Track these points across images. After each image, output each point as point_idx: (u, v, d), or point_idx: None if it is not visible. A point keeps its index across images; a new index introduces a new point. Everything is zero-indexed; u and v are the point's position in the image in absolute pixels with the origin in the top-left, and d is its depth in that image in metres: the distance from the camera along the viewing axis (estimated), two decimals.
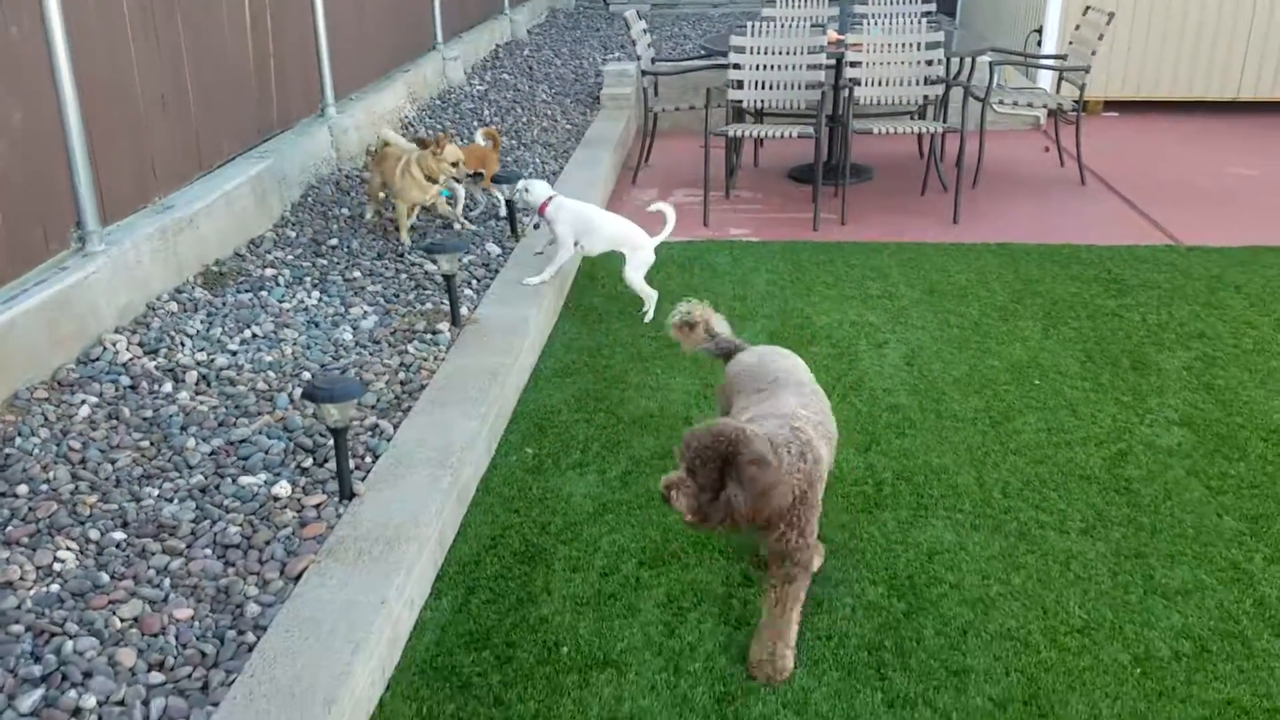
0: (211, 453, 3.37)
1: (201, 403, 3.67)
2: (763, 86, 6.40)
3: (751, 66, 6.36)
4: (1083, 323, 4.80)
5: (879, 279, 5.36)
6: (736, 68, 6.38)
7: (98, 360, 3.85)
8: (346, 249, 5.27)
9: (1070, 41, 7.33)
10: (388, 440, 3.45)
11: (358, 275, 4.91)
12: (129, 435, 3.44)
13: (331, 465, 3.27)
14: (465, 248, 5.17)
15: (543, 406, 4.08)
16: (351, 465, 3.17)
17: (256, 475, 3.24)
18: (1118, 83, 8.95)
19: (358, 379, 3.81)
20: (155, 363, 3.90)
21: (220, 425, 3.54)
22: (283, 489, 3.15)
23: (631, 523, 3.32)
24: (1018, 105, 7.22)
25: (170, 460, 3.32)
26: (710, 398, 4.14)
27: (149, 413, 3.58)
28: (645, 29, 7.45)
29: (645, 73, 7.33)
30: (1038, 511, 3.37)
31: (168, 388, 3.75)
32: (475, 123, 7.81)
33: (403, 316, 4.45)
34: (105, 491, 3.14)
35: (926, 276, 5.38)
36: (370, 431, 3.52)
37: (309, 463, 3.33)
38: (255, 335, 4.22)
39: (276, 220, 5.50)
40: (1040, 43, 8.82)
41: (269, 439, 3.44)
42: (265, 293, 4.61)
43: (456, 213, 5.62)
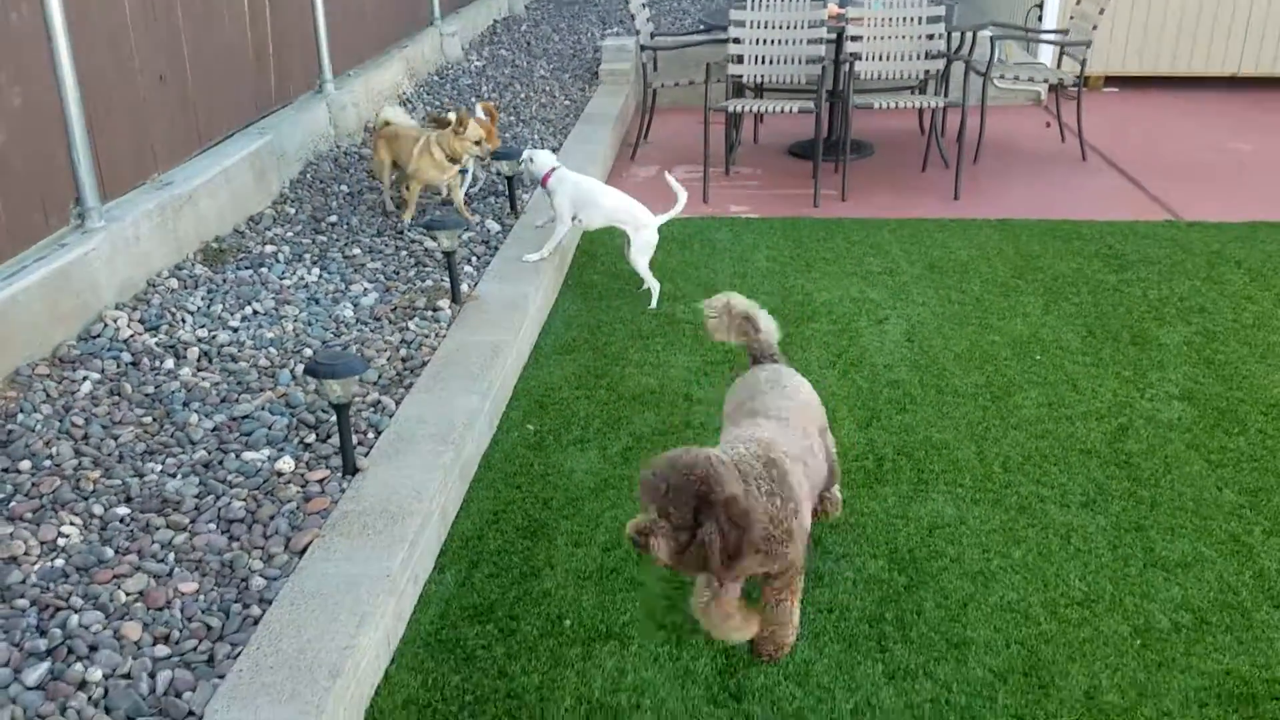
0: (214, 428, 3.38)
1: (203, 379, 3.67)
2: (763, 61, 6.37)
3: (752, 41, 6.32)
4: (1083, 298, 4.80)
5: (880, 255, 5.35)
6: (736, 42, 6.35)
7: (99, 337, 3.85)
8: (346, 226, 5.26)
9: (1071, 16, 7.30)
10: (390, 416, 3.46)
11: (358, 252, 4.90)
12: (131, 411, 3.45)
13: (334, 441, 3.28)
14: (465, 224, 5.16)
15: (544, 383, 4.08)
16: (354, 441, 3.18)
17: (259, 451, 3.25)
18: (1119, 58, 8.92)
19: (359, 355, 3.81)
20: (156, 339, 3.90)
21: (222, 401, 3.54)
22: (286, 464, 3.16)
23: (633, 498, 3.33)
24: (1019, 80, 7.19)
25: (173, 436, 3.33)
26: (710, 374, 4.14)
27: (151, 389, 3.59)
28: (644, 3, 7.41)
29: (644, 48, 7.30)
30: (1038, 486, 3.38)
31: (169, 364, 3.75)
32: (473, 98, 7.77)
33: (403, 293, 4.45)
34: (108, 467, 3.15)
35: (927, 252, 5.38)
36: (372, 408, 3.52)
37: (312, 438, 3.33)
38: (256, 312, 4.22)
39: (275, 197, 5.49)
40: (1041, 17, 8.78)
41: (271, 415, 3.44)
42: (265, 269, 4.60)
43: (460, 195, 5.49)
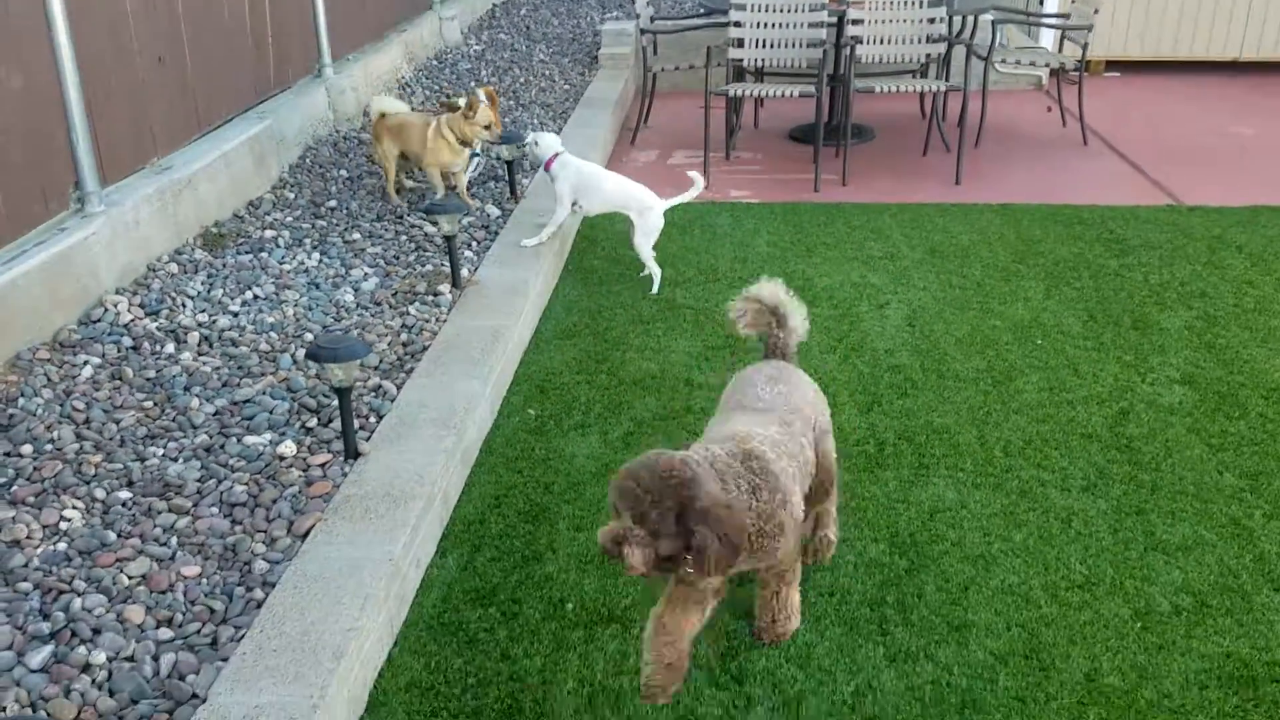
0: (216, 413, 3.38)
1: (204, 363, 3.67)
2: (763, 45, 6.35)
3: (752, 25, 6.30)
4: (1085, 282, 4.80)
5: (880, 240, 5.35)
6: (737, 26, 6.32)
7: (99, 321, 3.84)
8: (346, 210, 5.24)
9: (1073, 0, 7.26)
10: (391, 401, 3.46)
11: (357, 237, 4.89)
12: (132, 396, 3.45)
13: (335, 425, 3.28)
14: (465, 209, 5.14)
15: (544, 368, 4.08)
16: (356, 425, 3.18)
17: (261, 435, 3.25)
18: (1120, 42, 8.88)
19: (361, 339, 3.81)
20: (157, 324, 3.90)
21: (224, 386, 3.54)
22: (288, 448, 3.16)
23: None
24: (1020, 64, 7.17)
25: (174, 420, 3.33)
26: (711, 359, 4.14)
27: (152, 373, 3.58)
28: None
29: (644, 31, 7.26)
30: (1039, 470, 3.39)
31: (170, 349, 3.74)
32: (472, 83, 7.74)
33: (403, 278, 4.44)
34: (110, 451, 3.15)
35: (928, 237, 5.37)
36: (373, 392, 3.52)
37: (313, 423, 3.34)
38: (256, 296, 4.21)
39: (275, 181, 5.47)
40: (1043, 1, 8.74)
41: (273, 399, 3.44)
42: (265, 254, 4.59)
43: (464, 180, 5.45)
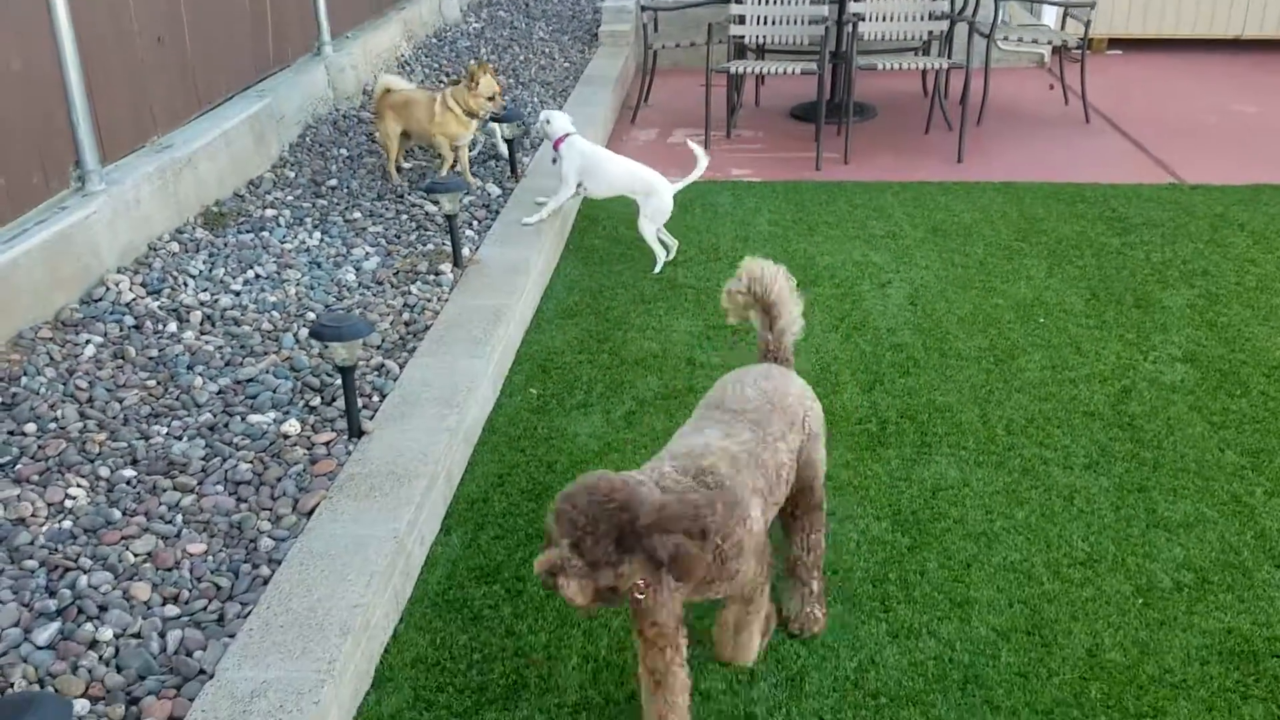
0: (219, 391, 3.38)
1: (207, 342, 3.66)
2: (765, 22, 6.32)
3: (754, 1, 6.27)
4: (1087, 261, 4.79)
5: (882, 218, 5.34)
6: (738, 2, 6.29)
7: (101, 300, 3.84)
8: (346, 189, 5.23)
9: None
10: (394, 380, 3.46)
11: (358, 216, 4.88)
12: (135, 374, 3.45)
13: (339, 404, 3.28)
14: (466, 187, 5.12)
15: (546, 347, 4.08)
16: (359, 404, 3.18)
17: (265, 414, 3.25)
18: (1123, 20, 8.84)
19: (363, 318, 3.80)
20: (159, 303, 3.89)
21: (227, 365, 3.54)
22: (292, 427, 3.16)
23: (637, 461, 3.34)
24: (1022, 42, 7.13)
25: (178, 399, 3.33)
26: (712, 338, 4.14)
27: (154, 352, 3.58)
28: None
29: (644, 8, 7.23)
30: (1041, 448, 3.39)
31: (172, 328, 3.74)
32: (471, 61, 7.69)
33: (405, 257, 4.43)
34: (114, 430, 3.15)
35: (930, 216, 5.36)
36: (376, 371, 3.52)
37: (317, 401, 3.34)
38: (258, 276, 4.21)
39: (275, 160, 5.45)
40: None
41: (276, 378, 3.44)
42: (266, 233, 4.58)
43: (467, 157, 5.40)
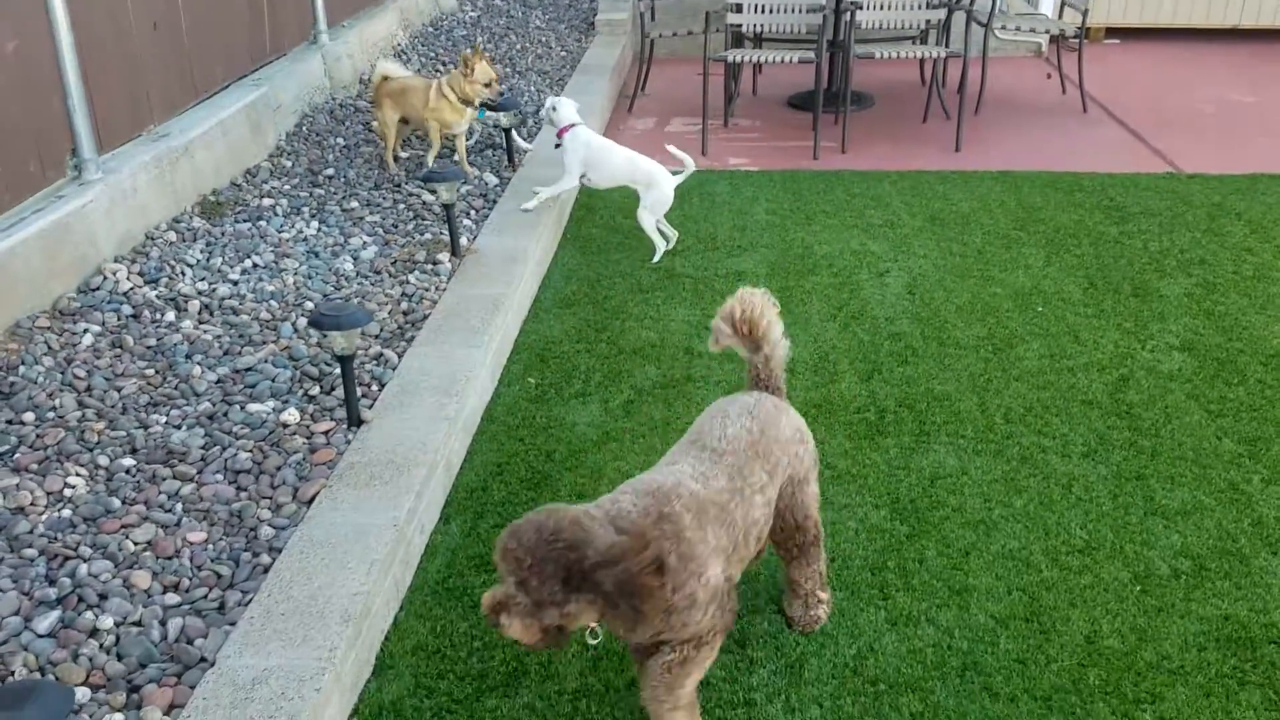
0: (218, 380, 3.37)
1: (205, 332, 3.66)
2: (762, 10, 6.30)
3: None
4: (1085, 250, 4.80)
5: (880, 207, 5.33)
6: None
7: (98, 289, 3.83)
8: (343, 179, 5.21)
9: None
10: (392, 369, 3.46)
11: (355, 205, 4.87)
12: (134, 363, 3.44)
13: (338, 393, 3.28)
14: (463, 176, 5.11)
15: (544, 337, 4.08)
16: (358, 393, 3.18)
17: (264, 403, 3.25)
18: (1120, 9, 8.84)
19: (361, 307, 3.80)
20: (156, 292, 3.89)
21: (225, 354, 3.54)
22: (291, 416, 3.16)
23: (635, 450, 3.35)
24: (1020, 31, 7.13)
25: (177, 388, 3.33)
26: (710, 327, 4.13)
27: (153, 341, 3.58)
28: None
29: None
30: (1040, 436, 3.40)
31: (170, 317, 3.74)
32: (468, 49, 7.67)
33: (402, 247, 4.43)
34: (112, 419, 3.15)
35: (928, 205, 5.36)
36: (375, 360, 3.52)
37: (315, 390, 3.34)
38: (256, 265, 4.20)
39: (271, 150, 5.44)
40: None
41: (275, 367, 3.44)
42: (264, 223, 4.57)
43: (464, 146, 5.38)
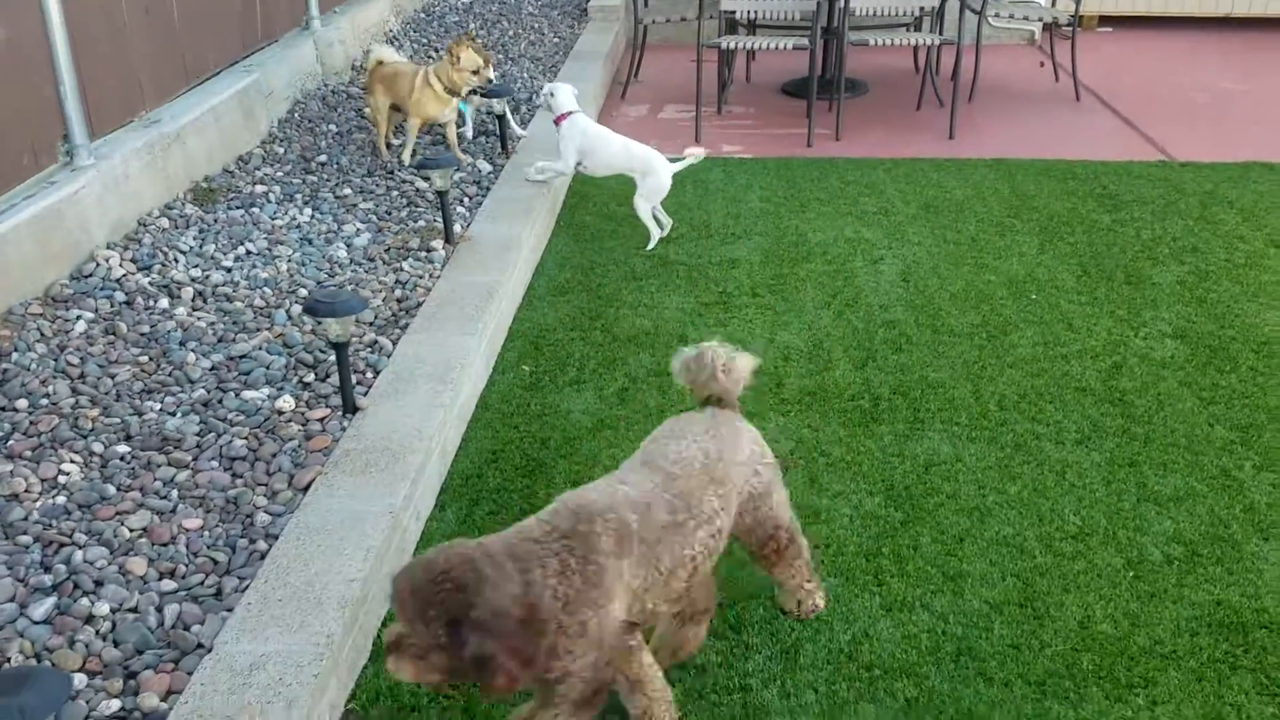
0: (212, 367, 3.37)
1: (199, 318, 3.65)
2: None
3: None
4: (1078, 238, 4.81)
5: (874, 195, 5.34)
6: None
7: (91, 276, 3.81)
8: (336, 165, 5.20)
9: None
10: (387, 356, 3.45)
11: (349, 192, 4.85)
12: (127, 350, 3.43)
13: (333, 380, 3.27)
14: (457, 163, 5.10)
15: (538, 324, 4.08)
16: (353, 380, 3.18)
17: (259, 390, 3.24)
18: None
19: (356, 295, 3.79)
20: (149, 279, 3.87)
21: (219, 341, 3.53)
22: (286, 403, 3.15)
23: (630, 437, 3.35)
24: (1013, 19, 7.12)
25: (171, 375, 3.32)
26: (704, 315, 4.14)
27: (146, 328, 3.56)
28: None
29: None
30: (1034, 423, 3.41)
31: (164, 304, 3.72)
32: (461, 35, 7.64)
33: (396, 234, 4.42)
34: (106, 406, 3.14)
35: (922, 192, 5.36)
36: (370, 348, 3.52)
37: (310, 378, 3.33)
38: (249, 252, 4.18)
39: (264, 136, 5.41)
40: None
41: (269, 354, 3.43)
42: (257, 209, 4.55)
43: (461, 133, 5.34)
